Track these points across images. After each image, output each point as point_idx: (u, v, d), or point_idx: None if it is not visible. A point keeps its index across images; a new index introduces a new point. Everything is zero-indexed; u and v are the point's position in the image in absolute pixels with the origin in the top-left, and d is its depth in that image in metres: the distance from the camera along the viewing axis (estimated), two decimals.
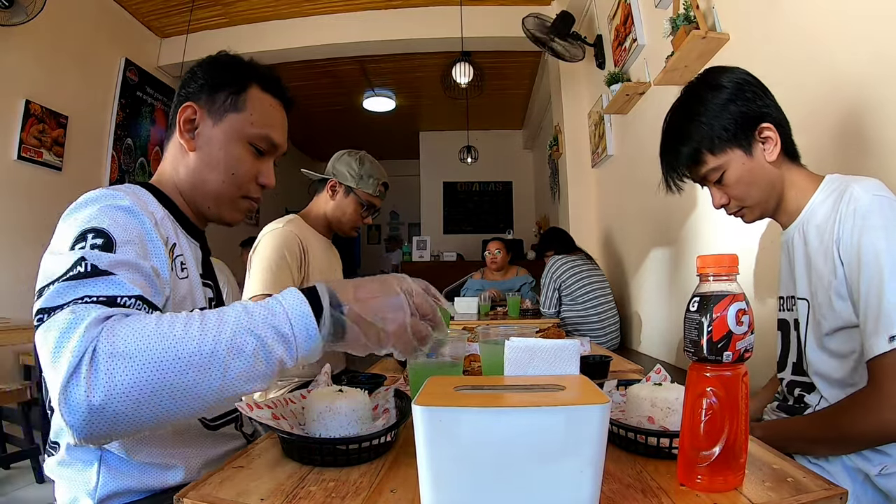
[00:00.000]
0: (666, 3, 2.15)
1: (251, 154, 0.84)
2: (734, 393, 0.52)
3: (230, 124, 0.81)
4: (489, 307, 2.97)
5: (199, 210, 0.86)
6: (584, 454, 0.42)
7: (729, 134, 0.89)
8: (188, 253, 0.81)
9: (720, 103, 0.89)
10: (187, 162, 0.82)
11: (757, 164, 0.90)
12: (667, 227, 2.32)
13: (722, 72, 0.93)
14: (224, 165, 0.82)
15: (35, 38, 3.12)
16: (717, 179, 0.93)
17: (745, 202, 0.94)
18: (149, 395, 0.49)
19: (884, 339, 0.74)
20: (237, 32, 4.17)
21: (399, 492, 0.53)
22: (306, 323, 0.55)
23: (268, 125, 0.84)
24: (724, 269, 0.53)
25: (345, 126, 6.61)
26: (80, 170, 3.55)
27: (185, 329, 0.52)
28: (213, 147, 0.81)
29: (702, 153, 0.91)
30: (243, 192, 0.86)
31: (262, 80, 0.84)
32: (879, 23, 1.08)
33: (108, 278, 0.58)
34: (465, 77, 3.74)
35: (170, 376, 0.50)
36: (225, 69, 0.83)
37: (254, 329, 0.53)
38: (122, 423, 0.50)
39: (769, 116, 0.89)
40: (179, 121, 0.81)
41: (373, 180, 1.63)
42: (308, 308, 0.55)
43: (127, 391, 0.49)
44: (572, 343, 0.57)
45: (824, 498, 0.50)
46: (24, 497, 2.05)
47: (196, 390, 0.51)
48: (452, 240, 6.78)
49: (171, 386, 0.50)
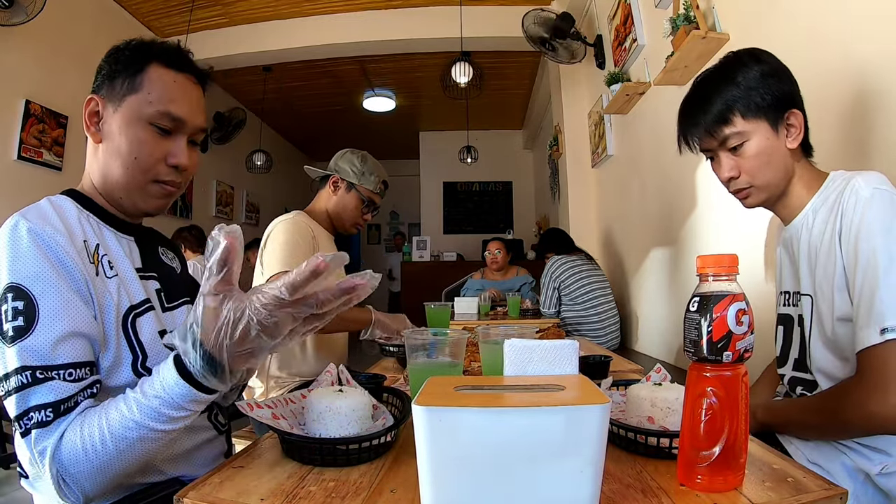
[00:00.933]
0: (666, 3, 2.15)
1: (153, 134, 0.78)
2: (734, 393, 0.52)
3: (128, 107, 0.77)
4: (489, 307, 2.97)
5: (116, 202, 0.82)
6: (584, 454, 0.42)
7: (764, 103, 0.88)
8: (116, 250, 0.79)
9: (761, 73, 0.89)
10: (98, 156, 0.80)
11: (778, 145, 0.90)
12: (667, 227, 2.32)
13: (762, 51, 0.93)
14: (125, 150, 0.78)
15: (35, 38, 3.12)
16: (736, 147, 0.91)
17: (755, 180, 0.92)
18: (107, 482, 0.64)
19: (874, 331, 0.74)
20: (237, 32, 4.17)
21: (399, 492, 0.53)
22: (181, 388, 0.60)
23: (168, 100, 0.78)
24: (723, 269, 0.53)
25: (345, 126, 6.61)
26: (80, 170, 3.49)
27: (103, 445, 0.62)
28: (114, 135, 0.78)
29: (733, 112, 0.89)
30: (151, 176, 0.80)
31: (162, 55, 0.79)
32: (880, 22, 1.08)
33: (47, 384, 0.63)
34: (465, 77, 3.74)
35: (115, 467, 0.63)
36: (123, 54, 0.79)
37: (145, 424, 0.62)
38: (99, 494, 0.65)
39: (799, 104, 0.90)
40: (84, 115, 0.79)
41: (374, 177, 1.67)
42: (172, 369, 0.60)
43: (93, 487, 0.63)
44: (571, 343, 0.57)
45: (824, 498, 0.50)
46: (24, 497, 2.03)
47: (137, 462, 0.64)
48: (452, 240, 6.78)
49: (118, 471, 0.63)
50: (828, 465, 0.85)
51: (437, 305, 1.63)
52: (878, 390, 0.73)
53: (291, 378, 1.53)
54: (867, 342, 0.75)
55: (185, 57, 0.82)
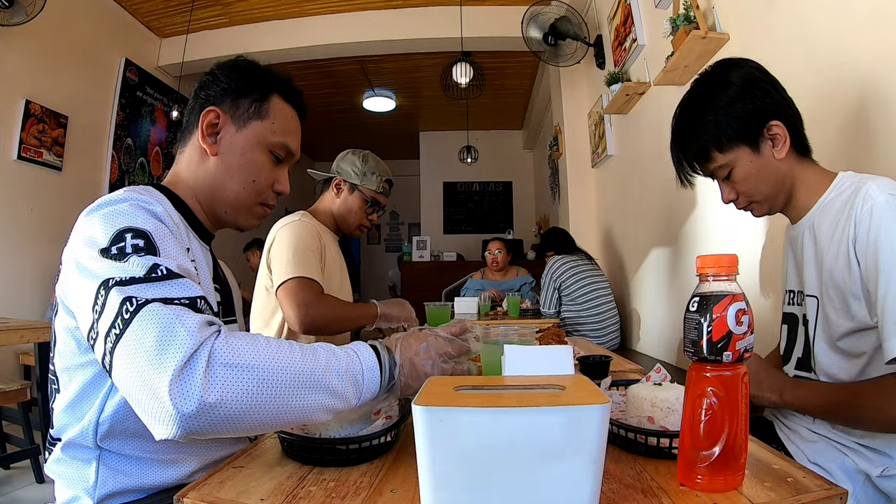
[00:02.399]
0: (666, 3, 2.15)
1: (271, 161, 0.85)
2: (734, 393, 0.52)
3: (253, 132, 0.83)
4: (489, 307, 2.97)
5: (216, 215, 0.86)
6: (585, 454, 0.42)
7: (735, 132, 0.88)
8: (200, 257, 0.82)
9: (727, 101, 0.88)
10: (207, 166, 0.83)
11: (765, 161, 0.90)
12: (667, 227, 2.32)
13: (731, 66, 0.92)
14: (245, 172, 0.83)
15: (35, 38, 3.12)
16: (726, 176, 0.93)
17: (754, 198, 0.93)
18: (254, 406, 0.54)
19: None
20: (237, 32, 4.17)
21: (399, 492, 0.53)
22: (374, 377, 0.63)
23: (287, 133, 0.86)
24: (723, 269, 0.53)
25: (345, 126, 6.61)
26: (80, 170, 3.55)
27: (290, 355, 0.58)
28: (234, 153, 0.82)
29: (709, 150, 0.91)
30: (261, 199, 0.87)
31: (284, 89, 0.87)
32: (880, 21, 1.08)
33: (180, 281, 0.60)
34: (465, 77, 3.74)
35: (274, 394, 0.55)
36: (248, 76, 0.84)
37: (339, 370, 0.60)
38: (222, 424, 0.53)
39: (778, 113, 0.89)
40: (202, 124, 0.81)
41: (376, 177, 1.65)
42: (377, 363, 0.64)
43: (238, 399, 0.53)
44: (565, 348, 0.58)
45: (824, 498, 0.50)
46: (24, 497, 2.05)
47: (288, 410, 0.57)
48: (452, 240, 6.78)
49: (272, 403, 0.55)
50: (828, 466, 0.85)
51: (436, 305, 1.63)
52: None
53: None
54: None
55: (299, 93, 0.90)
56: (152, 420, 0.52)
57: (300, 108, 0.90)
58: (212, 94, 0.83)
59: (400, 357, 0.67)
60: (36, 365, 2.24)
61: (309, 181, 1.81)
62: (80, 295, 0.61)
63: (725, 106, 0.88)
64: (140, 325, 0.54)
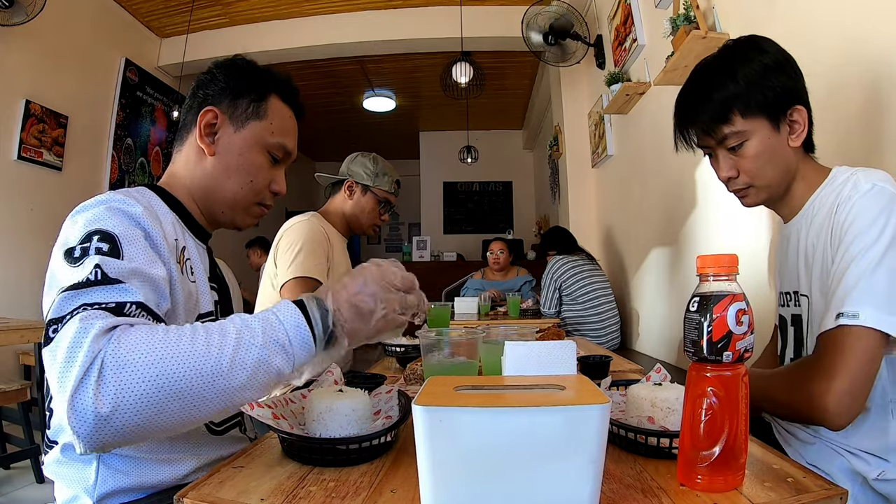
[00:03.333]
0: (666, 3, 2.15)
1: (268, 162, 0.85)
2: (734, 393, 0.52)
3: (251, 132, 0.83)
4: (489, 307, 2.98)
5: (212, 214, 0.86)
6: (584, 454, 0.42)
7: (765, 100, 0.82)
8: (196, 256, 0.82)
9: (762, 67, 0.83)
10: (204, 166, 0.82)
11: (780, 143, 0.85)
12: (667, 227, 2.32)
13: (767, 40, 0.87)
14: (243, 172, 0.83)
15: (35, 38, 3.12)
16: (735, 146, 0.86)
17: (756, 181, 0.88)
18: (156, 406, 0.51)
19: (832, 316, 0.74)
20: (237, 32, 4.17)
21: (399, 492, 0.53)
22: (303, 334, 0.58)
23: (285, 134, 0.86)
24: (723, 269, 0.53)
25: (345, 126, 6.61)
26: (80, 170, 3.55)
27: (192, 343, 0.53)
28: (232, 153, 0.82)
29: (732, 111, 0.83)
30: (259, 199, 0.87)
31: (282, 89, 0.87)
32: (881, 20, 1.08)
33: (116, 286, 0.58)
34: (465, 77, 3.74)
35: (176, 387, 0.51)
36: (247, 76, 0.84)
37: (254, 342, 0.56)
38: (128, 433, 0.50)
39: (803, 100, 0.86)
40: (200, 124, 0.81)
41: (387, 177, 1.70)
42: (302, 318, 0.59)
43: (135, 401, 0.50)
44: (568, 343, 0.57)
45: (824, 498, 0.50)
46: (24, 497, 2.05)
47: (201, 400, 0.53)
48: (452, 240, 6.78)
49: (177, 396, 0.51)
50: (826, 468, 0.84)
51: (436, 305, 1.63)
52: (824, 376, 0.72)
53: None
54: (824, 327, 0.75)
55: (297, 93, 0.89)
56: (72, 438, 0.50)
57: (298, 109, 0.90)
58: (210, 94, 0.83)
59: (332, 303, 0.60)
60: (36, 365, 2.25)
61: (310, 181, 1.82)
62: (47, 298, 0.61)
63: (762, 71, 0.83)
64: (51, 353, 0.52)
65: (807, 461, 0.87)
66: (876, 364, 0.72)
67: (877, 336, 0.71)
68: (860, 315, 0.71)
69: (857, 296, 0.72)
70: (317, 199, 8.02)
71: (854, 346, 0.71)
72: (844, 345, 0.72)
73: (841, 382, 0.70)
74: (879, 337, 0.71)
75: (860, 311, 0.71)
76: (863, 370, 0.71)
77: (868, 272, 0.73)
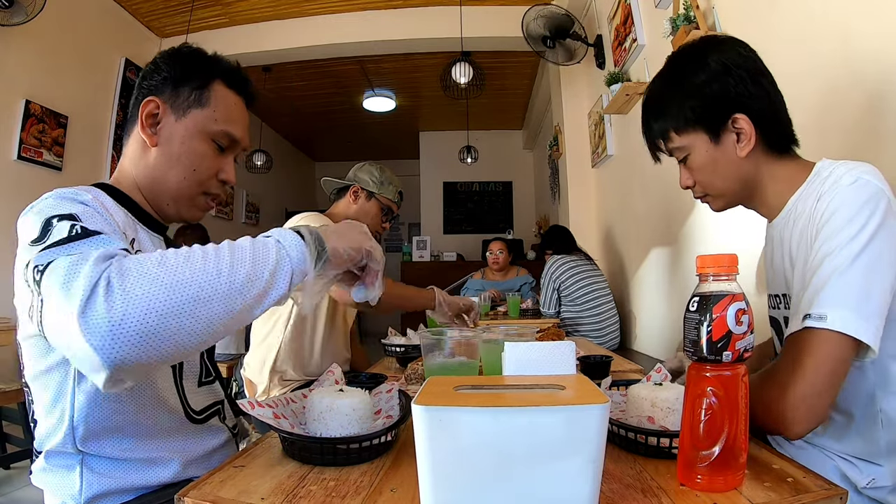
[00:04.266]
0: (666, 3, 2.15)
1: (213, 150, 0.83)
2: (734, 393, 0.52)
3: (193, 120, 0.80)
4: (489, 307, 2.98)
5: (159, 208, 0.84)
6: (584, 454, 0.42)
7: (696, 115, 0.83)
8: (149, 247, 0.80)
9: (698, 83, 0.83)
10: (147, 159, 0.81)
11: (723, 154, 0.83)
12: (667, 227, 2.32)
13: (712, 47, 0.85)
14: (186, 161, 0.80)
15: (35, 38, 3.12)
16: (683, 159, 0.88)
17: (708, 189, 0.88)
18: (165, 307, 0.50)
19: (799, 318, 0.69)
20: (237, 32, 4.17)
21: (399, 491, 0.53)
22: (289, 234, 0.61)
23: (230, 121, 0.83)
24: (723, 269, 0.53)
25: (345, 126, 6.60)
26: (80, 170, 3.55)
27: (189, 253, 0.55)
28: (174, 143, 0.80)
29: (668, 130, 0.86)
30: (204, 189, 0.85)
31: (227, 75, 0.84)
32: (882, 20, 1.08)
33: (99, 237, 0.58)
34: (465, 77, 3.74)
35: (183, 289, 0.51)
36: (189, 63, 0.82)
37: (246, 244, 0.58)
38: (143, 340, 0.49)
39: (746, 107, 0.81)
40: (141, 115, 0.79)
41: (392, 187, 1.77)
42: (292, 231, 0.62)
43: (146, 303, 0.49)
44: (567, 343, 0.57)
45: (824, 498, 0.50)
46: (24, 497, 2.05)
47: (208, 302, 0.52)
48: (452, 240, 6.78)
49: (185, 298, 0.51)
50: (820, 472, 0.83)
51: None
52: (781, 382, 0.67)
53: (296, 376, 1.54)
54: (791, 328, 0.70)
55: (244, 79, 0.87)
56: (85, 367, 0.50)
57: (245, 94, 0.87)
58: (153, 84, 0.81)
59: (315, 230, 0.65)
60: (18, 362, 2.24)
61: (309, 180, 1.83)
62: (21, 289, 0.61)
63: (694, 87, 0.83)
64: (48, 280, 0.52)
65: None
66: (841, 370, 0.66)
67: (844, 341, 0.65)
68: (828, 318, 0.66)
69: (826, 297, 0.67)
70: (316, 199, 8.03)
71: (817, 350, 0.66)
72: (807, 349, 0.67)
73: (798, 388, 0.65)
74: (847, 342, 0.65)
75: (828, 314, 0.66)
76: (824, 376, 0.65)
77: (840, 271, 0.68)
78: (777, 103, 0.84)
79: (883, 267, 0.68)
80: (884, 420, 0.75)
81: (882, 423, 0.75)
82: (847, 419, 0.79)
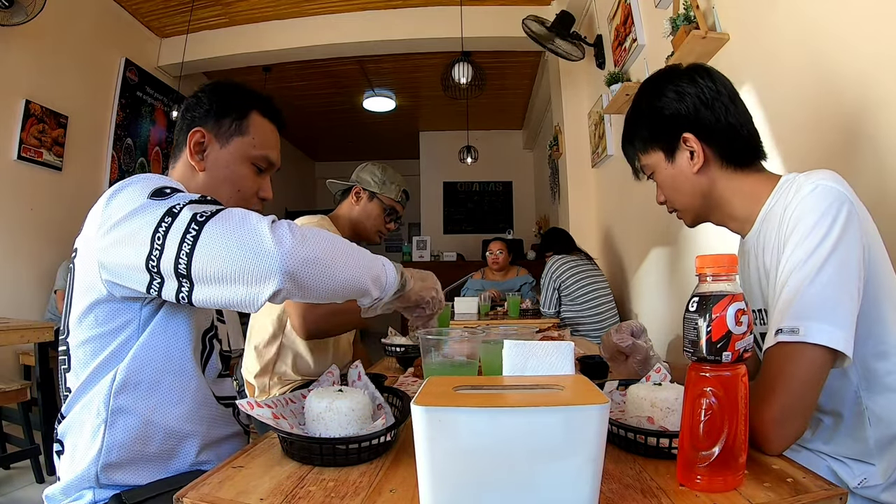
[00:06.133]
0: (666, 3, 2.15)
1: (253, 172, 0.94)
2: (733, 393, 0.52)
3: (236, 147, 0.92)
4: (489, 307, 2.98)
5: None
6: (584, 454, 0.42)
7: (652, 136, 0.90)
8: None
9: (655, 107, 0.88)
10: (196, 181, 0.90)
11: (679, 171, 0.88)
12: (666, 227, 2.32)
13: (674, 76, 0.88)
14: (231, 183, 0.92)
15: (35, 38, 3.12)
16: (650, 176, 0.95)
17: (674, 205, 0.93)
18: (326, 253, 0.67)
19: (771, 333, 0.68)
20: (237, 32, 4.17)
21: (399, 492, 0.53)
22: (390, 266, 0.79)
23: (267, 147, 0.95)
24: (723, 270, 0.53)
25: (345, 126, 6.60)
26: (80, 170, 3.55)
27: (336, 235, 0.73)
28: (220, 167, 0.91)
29: (636, 151, 0.94)
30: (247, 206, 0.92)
31: (262, 106, 0.96)
32: (881, 23, 1.08)
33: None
34: (465, 77, 3.74)
35: (337, 247, 0.69)
36: (228, 96, 0.93)
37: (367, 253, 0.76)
38: (310, 265, 0.65)
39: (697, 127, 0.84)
40: (190, 144, 0.89)
41: (394, 186, 1.74)
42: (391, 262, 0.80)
43: (314, 242, 0.66)
44: (566, 344, 0.57)
45: (824, 498, 0.50)
46: (24, 497, 2.05)
47: (345, 265, 0.70)
48: (452, 240, 6.78)
49: (336, 253, 0.69)
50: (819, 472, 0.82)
51: None
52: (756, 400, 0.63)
53: (296, 376, 1.54)
54: (766, 343, 0.69)
55: (277, 110, 1.01)
56: (261, 271, 0.61)
57: (279, 122, 1.00)
58: (196, 116, 0.91)
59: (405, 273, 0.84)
60: (36, 365, 2.24)
61: (310, 180, 1.83)
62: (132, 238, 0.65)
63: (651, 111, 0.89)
64: (218, 220, 0.63)
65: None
66: (818, 381, 0.65)
67: (818, 352, 0.64)
68: (800, 330, 0.64)
69: (796, 309, 0.66)
70: (316, 199, 8.03)
71: (791, 365, 0.65)
72: (781, 364, 0.65)
73: (774, 406, 0.64)
74: (822, 353, 0.64)
75: (800, 326, 0.65)
76: (799, 391, 0.64)
77: (809, 282, 0.67)
78: (734, 122, 0.85)
79: (850, 271, 0.68)
80: (871, 418, 0.75)
81: (870, 421, 0.75)
82: (835, 420, 0.79)
